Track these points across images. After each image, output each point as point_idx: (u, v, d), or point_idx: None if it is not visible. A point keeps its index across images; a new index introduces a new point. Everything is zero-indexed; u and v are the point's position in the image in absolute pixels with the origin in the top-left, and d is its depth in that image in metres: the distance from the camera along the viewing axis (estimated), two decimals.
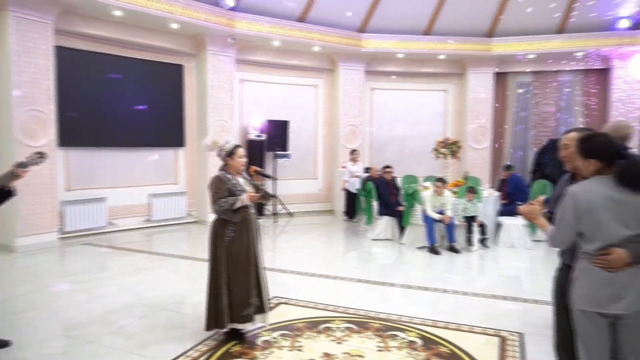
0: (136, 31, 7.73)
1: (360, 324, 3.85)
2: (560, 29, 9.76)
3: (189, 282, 5.11)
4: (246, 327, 3.49)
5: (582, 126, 2.39)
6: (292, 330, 3.72)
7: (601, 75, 10.20)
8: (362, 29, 9.71)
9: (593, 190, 2.16)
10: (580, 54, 9.83)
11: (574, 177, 2.52)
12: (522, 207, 2.47)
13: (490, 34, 10.03)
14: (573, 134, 2.55)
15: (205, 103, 8.55)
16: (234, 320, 3.40)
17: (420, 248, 6.86)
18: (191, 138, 8.77)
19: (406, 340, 3.52)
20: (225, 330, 3.48)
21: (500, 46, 9.94)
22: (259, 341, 3.51)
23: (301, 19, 9.07)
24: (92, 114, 7.49)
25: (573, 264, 2.31)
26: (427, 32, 9.89)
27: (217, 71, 8.56)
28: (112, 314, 4.08)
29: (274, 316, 3.93)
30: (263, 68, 9.61)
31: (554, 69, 10.38)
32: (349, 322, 3.88)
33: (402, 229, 7.28)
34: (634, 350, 2.16)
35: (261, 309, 3.53)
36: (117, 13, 7.09)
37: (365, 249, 7.05)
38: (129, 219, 8.05)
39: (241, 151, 3.51)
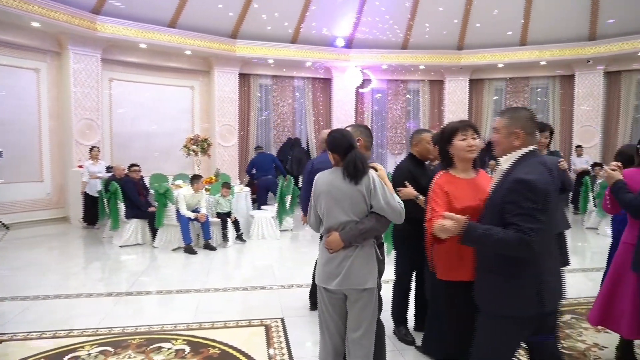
0: None
1: (117, 343, 3.36)
2: (294, 39, 10.91)
3: None
4: None
5: (356, 124, 2.83)
6: None
7: (326, 83, 11.92)
8: (96, 10, 8.55)
9: (325, 179, 2.44)
10: (308, 63, 11.23)
11: None
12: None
13: (234, 35, 10.38)
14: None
15: None
16: None
17: (175, 249, 6.55)
18: None
19: (173, 350, 3.25)
20: None
21: (244, 48, 10.41)
22: None
23: None
24: None
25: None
26: (173, 24, 9.50)
27: None
28: None
29: None
30: None
31: (290, 75, 11.54)
32: (102, 344, 3.34)
33: (154, 231, 6.79)
34: (353, 324, 2.43)
35: None
36: None
37: (112, 257, 6.25)
38: None
39: None
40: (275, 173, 9.27)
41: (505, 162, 2.05)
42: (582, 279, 5.35)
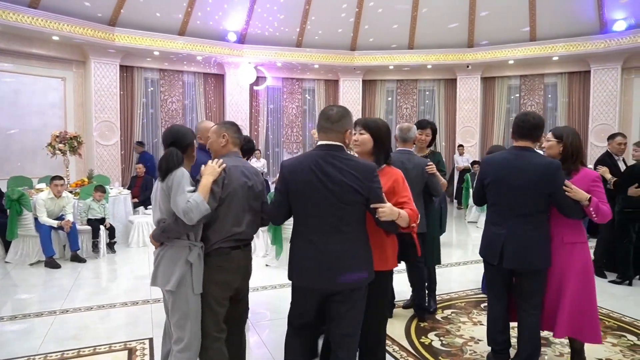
0: None
1: None
2: (182, 31, 10.19)
3: None
4: None
5: (225, 121, 2.49)
6: None
7: (218, 79, 11.35)
8: None
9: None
10: (199, 57, 10.58)
11: None
12: None
13: (113, 22, 9.39)
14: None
15: None
16: None
17: (33, 264, 5.66)
18: None
19: None
20: None
21: (124, 38, 9.46)
22: None
23: None
24: None
25: None
26: (34, 4, 8.27)
27: None
28: None
29: None
30: None
31: (179, 69, 10.79)
32: None
33: (6, 244, 5.79)
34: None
35: None
36: None
37: None
38: None
39: None
40: None
41: None
42: (465, 271, 5.58)
